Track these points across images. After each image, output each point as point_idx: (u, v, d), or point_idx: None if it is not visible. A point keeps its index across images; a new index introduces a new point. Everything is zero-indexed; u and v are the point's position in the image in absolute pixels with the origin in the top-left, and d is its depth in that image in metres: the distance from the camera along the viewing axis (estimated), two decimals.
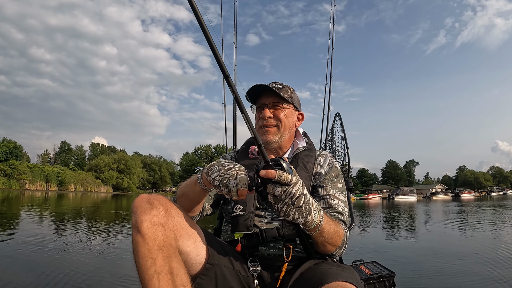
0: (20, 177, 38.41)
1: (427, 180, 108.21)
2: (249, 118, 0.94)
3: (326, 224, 1.06)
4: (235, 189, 0.97)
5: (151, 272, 0.89)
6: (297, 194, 0.94)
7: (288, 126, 1.43)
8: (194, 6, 0.79)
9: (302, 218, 0.98)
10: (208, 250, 1.10)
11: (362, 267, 1.90)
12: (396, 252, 5.68)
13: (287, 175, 0.93)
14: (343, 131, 2.29)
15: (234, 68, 3.13)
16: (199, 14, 0.79)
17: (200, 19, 0.81)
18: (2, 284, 3.04)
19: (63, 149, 70.24)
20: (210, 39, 0.83)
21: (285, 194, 0.93)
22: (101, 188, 54.52)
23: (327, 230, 1.07)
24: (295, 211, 0.96)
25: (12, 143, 47.72)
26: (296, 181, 0.95)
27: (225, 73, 0.88)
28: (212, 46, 0.84)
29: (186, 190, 1.15)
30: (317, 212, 1.02)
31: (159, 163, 79.10)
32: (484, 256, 4.81)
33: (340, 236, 1.14)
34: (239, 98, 0.91)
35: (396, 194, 56.56)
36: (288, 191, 0.93)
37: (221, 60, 0.87)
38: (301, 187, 0.96)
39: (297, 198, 0.95)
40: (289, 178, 0.93)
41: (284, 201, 0.94)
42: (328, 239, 1.10)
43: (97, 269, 3.74)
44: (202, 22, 0.81)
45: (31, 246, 4.87)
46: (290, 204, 0.95)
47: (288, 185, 0.94)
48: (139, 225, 0.93)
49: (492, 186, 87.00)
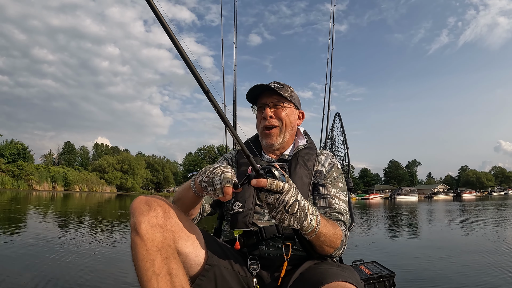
0: (28, 177, 39.02)
1: (429, 180, 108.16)
2: (235, 131, 0.94)
3: (323, 227, 1.06)
4: (219, 186, 0.96)
5: (150, 273, 0.90)
6: (290, 202, 0.94)
7: (290, 125, 1.45)
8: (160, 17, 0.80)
9: (297, 223, 0.98)
10: (207, 251, 1.11)
11: (362, 267, 1.90)
12: (396, 252, 5.69)
13: (279, 183, 0.93)
14: (343, 131, 2.29)
15: (234, 68, 3.11)
16: (167, 25, 0.79)
17: (169, 32, 0.80)
18: (4, 283, 3.08)
19: (67, 150, 70.72)
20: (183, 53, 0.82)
21: (278, 202, 0.94)
22: (105, 188, 55.02)
23: (324, 233, 1.07)
24: (289, 217, 0.96)
25: (19, 144, 48.58)
26: (289, 188, 0.95)
27: (204, 88, 0.85)
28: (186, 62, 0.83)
29: (181, 195, 1.15)
30: (314, 217, 1.02)
31: (163, 163, 79.54)
32: (486, 257, 4.79)
33: (338, 238, 1.15)
34: (222, 113, 0.89)
35: (398, 194, 56.79)
36: (281, 199, 0.94)
37: (198, 76, 0.85)
38: (294, 193, 0.96)
39: (291, 205, 0.94)
40: (281, 186, 0.93)
41: (278, 209, 0.94)
42: (326, 241, 1.10)
43: (98, 269, 3.75)
44: (172, 36, 0.81)
45: (34, 246, 4.88)
46: (284, 211, 0.95)
47: (280, 193, 0.94)
48: (137, 227, 0.94)
49: (493, 186, 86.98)
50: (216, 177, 0.98)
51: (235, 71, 3.09)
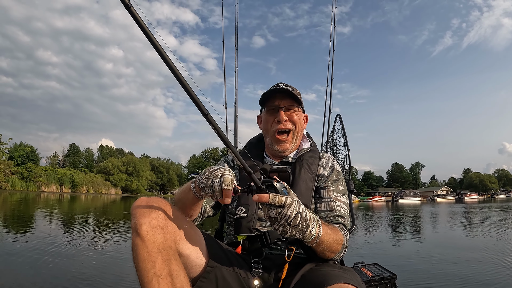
0: (37, 179, 39.83)
1: (433, 183, 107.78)
2: (236, 152, 0.92)
3: (325, 235, 1.06)
4: (219, 188, 0.95)
5: (151, 274, 0.90)
6: (292, 216, 0.94)
7: (301, 129, 1.44)
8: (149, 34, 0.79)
9: (299, 234, 0.98)
10: (208, 252, 1.11)
11: (363, 269, 1.91)
12: (397, 254, 5.68)
13: (281, 198, 0.93)
14: (343, 133, 2.29)
15: (235, 71, 3.10)
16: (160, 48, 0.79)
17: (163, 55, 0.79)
18: (7, 283, 3.10)
19: (72, 152, 71.41)
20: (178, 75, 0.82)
21: (280, 216, 0.94)
22: (110, 190, 55.56)
23: (326, 241, 1.08)
24: (291, 229, 0.96)
25: (28, 147, 49.53)
26: (291, 202, 0.94)
27: (202, 111, 0.83)
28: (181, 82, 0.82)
29: (181, 197, 1.14)
30: (315, 226, 1.02)
31: (167, 165, 80.00)
32: (489, 259, 4.76)
33: (339, 243, 1.15)
34: (223, 134, 0.88)
35: (400, 197, 56.86)
36: (283, 213, 0.93)
37: (196, 99, 0.83)
38: (296, 207, 0.95)
39: (293, 218, 0.94)
40: (283, 201, 0.93)
41: (280, 222, 0.94)
42: (327, 248, 1.10)
43: (100, 270, 3.76)
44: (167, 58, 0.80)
45: (42, 245, 4.88)
46: (286, 224, 0.95)
47: (282, 207, 0.93)
48: (138, 228, 0.94)
49: (496, 189, 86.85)
50: (216, 179, 0.97)
51: (236, 73, 3.09)
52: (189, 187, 1.09)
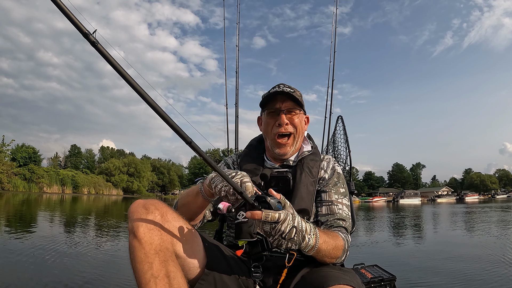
0: (39, 180, 39.95)
1: (434, 183, 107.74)
2: (225, 175, 0.91)
3: (322, 243, 1.06)
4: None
5: (148, 276, 0.90)
6: (286, 230, 0.94)
7: (302, 132, 1.42)
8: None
9: (295, 246, 0.98)
10: (206, 254, 1.11)
11: (363, 270, 1.91)
12: (397, 255, 5.66)
13: (274, 215, 0.92)
14: (345, 134, 2.28)
15: (236, 71, 3.08)
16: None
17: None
18: (11, 281, 3.11)
19: (73, 153, 71.58)
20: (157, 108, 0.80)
21: (274, 231, 0.94)
22: (112, 191, 55.70)
23: (324, 249, 1.07)
24: (287, 242, 0.96)
25: (31, 148, 49.69)
26: (285, 217, 0.94)
27: (186, 139, 0.84)
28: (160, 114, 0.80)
29: (187, 201, 1.15)
30: (312, 236, 1.02)
31: (168, 166, 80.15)
32: (490, 260, 4.74)
33: (339, 249, 1.15)
34: (209, 160, 0.87)
35: (401, 197, 56.86)
36: (277, 229, 0.93)
37: (178, 129, 0.82)
38: (291, 221, 0.95)
39: (287, 233, 0.94)
40: (276, 217, 0.92)
41: (274, 237, 0.95)
42: (326, 255, 1.10)
43: (99, 271, 3.76)
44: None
45: (47, 244, 4.87)
46: (281, 238, 0.95)
47: (276, 223, 0.93)
48: (135, 230, 0.94)
49: (497, 189, 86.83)
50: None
51: (237, 74, 3.07)
52: (196, 192, 1.09)
